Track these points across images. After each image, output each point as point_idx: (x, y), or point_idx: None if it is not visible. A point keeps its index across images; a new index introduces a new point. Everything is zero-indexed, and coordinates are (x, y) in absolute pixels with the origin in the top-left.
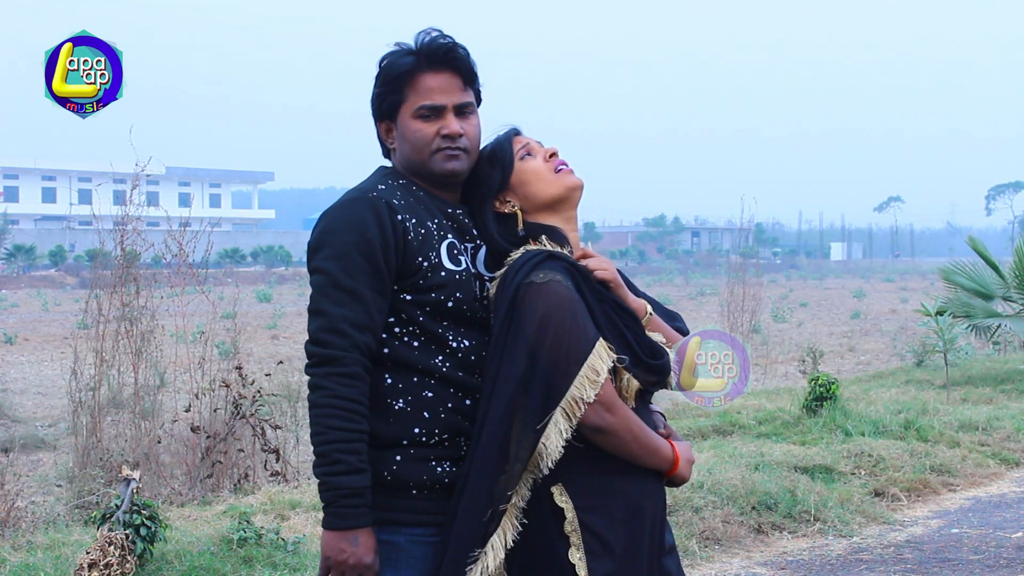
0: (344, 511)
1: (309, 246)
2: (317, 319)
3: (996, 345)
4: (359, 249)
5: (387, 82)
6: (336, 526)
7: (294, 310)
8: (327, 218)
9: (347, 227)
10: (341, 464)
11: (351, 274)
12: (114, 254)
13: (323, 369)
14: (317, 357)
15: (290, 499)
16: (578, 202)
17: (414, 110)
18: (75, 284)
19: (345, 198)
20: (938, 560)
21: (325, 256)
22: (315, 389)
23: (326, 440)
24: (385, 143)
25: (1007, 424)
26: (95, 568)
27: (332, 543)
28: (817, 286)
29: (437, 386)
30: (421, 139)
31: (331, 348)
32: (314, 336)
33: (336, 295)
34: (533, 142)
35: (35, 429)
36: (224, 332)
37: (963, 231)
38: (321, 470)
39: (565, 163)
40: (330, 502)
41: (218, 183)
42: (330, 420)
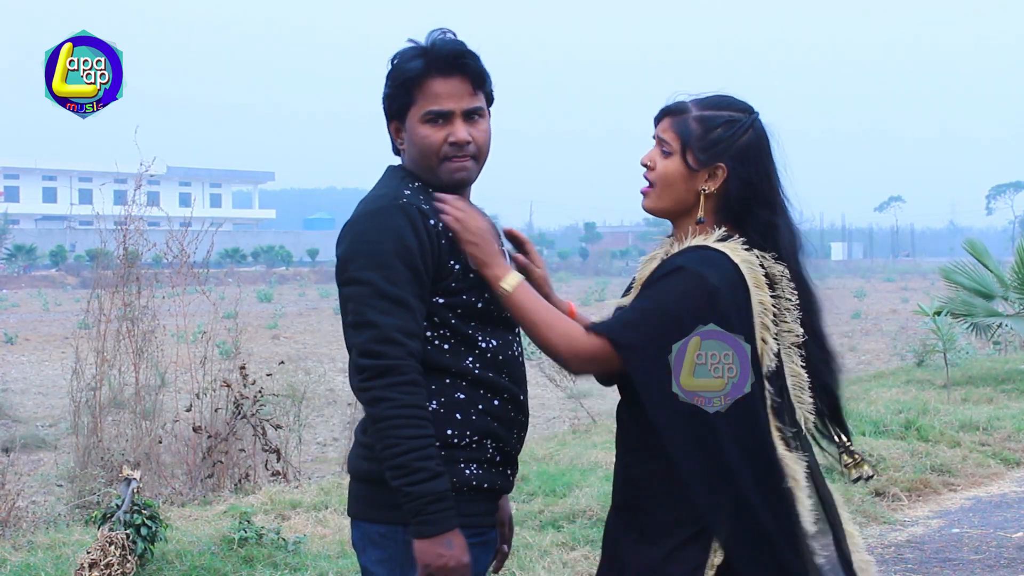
0: (435, 517)
1: (340, 258)
2: (366, 331)
3: (997, 345)
4: (399, 257)
5: (397, 83)
6: (429, 533)
7: (294, 310)
8: (357, 228)
9: (384, 235)
10: (422, 472)
11: (395, 282)
12: (116, 254)
13: (383, 380)
14: (373, 369)
15: (291, 499)
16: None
17: (422, 114)
18: (76, 284)
19: (373, 207)
20: (939, 560)
21: (362, 266)
22: (378, 402)
23: (402, 451)
24: (395, 142)
25: (1008, 424)
26: (96, 568)
27: (429, 550)
28: (818, 286)
29: (468, 388)
30: (428, 145)
31: (387, 358)
32: (366, 348)
33: (382, 305)
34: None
35: (36, 429)
36: (225, 332)
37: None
38: (402, 481)
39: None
40: (419, 511)
41: (219, 183)
42: (401, 431)
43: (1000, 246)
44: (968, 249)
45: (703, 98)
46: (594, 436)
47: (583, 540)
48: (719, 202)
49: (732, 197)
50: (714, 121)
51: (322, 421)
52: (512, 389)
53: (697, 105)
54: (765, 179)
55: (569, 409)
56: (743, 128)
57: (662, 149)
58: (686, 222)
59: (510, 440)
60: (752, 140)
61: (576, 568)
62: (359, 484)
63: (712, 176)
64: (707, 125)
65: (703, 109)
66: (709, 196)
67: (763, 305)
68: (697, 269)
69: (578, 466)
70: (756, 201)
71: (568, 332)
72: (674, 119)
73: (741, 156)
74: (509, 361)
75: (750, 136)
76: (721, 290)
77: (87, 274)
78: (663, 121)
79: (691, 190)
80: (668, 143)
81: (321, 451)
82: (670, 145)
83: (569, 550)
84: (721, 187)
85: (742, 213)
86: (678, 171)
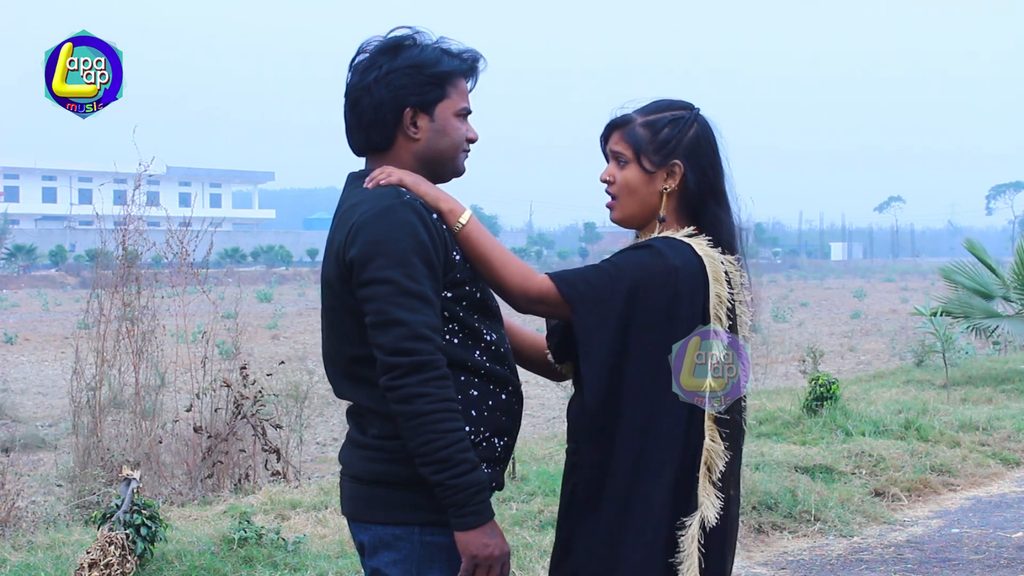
0: (480, 507)
1: (354, 260)
2: (394, 328)
3: (996, 345)
4: (416, 253)
5: (428, 75)
6: (475, 524)
7: (294, 310)
8: (370, 228)
9: (399, 233)
10: (465, 464)
11: (416, 279)
12: (116, 254)
13: (418, 376)
14: (406, 366)
15: (291, 499)
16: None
17: (458, 109)
18: (75, 284)
19: (380, 206)
20: (938, 560)
21: (382, 265)
22: (415, 398)
23: (444, 444)
24: (405, 130)
25: (1007, 424)
26: (95, 568)
27: (476, 540)
28: (817, 286)
29: (480, 383)
30: (459, 138)
31: (421, 355)
32: (396, 346)
33: (408, 302)
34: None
35: (36, 429)
36: (225, 332)
37: (964, 231)
38: (446, 475)
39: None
40: (464, 503)
41: (218, 183)
42: (442, 424)
43: (1000, 246)
44: (968, 248)
45: (643, 106)
46: None
47: None
48: (679, 199)
49: (690, 191)
50: (660, 123)
51: (322, 421)
52: (514, 380)
53: (640, 113)
54: (713, 170)
55: None
56: (688, 124)
57: (618, 161)
58: (650, 227)
59: (514, 435)
60: (699, 133)
61: None
62: (368, 487)
63: (671, 175)
64: (654, 128)
65: (647, 115)
66: (671, 194)
67: (719, 297)
68: (662, 248)
69: None
70: (709, 194)
71: (520, 270)
72: (622, 131)
73: (692, 150)
74: (508, 353)
75: (696, 130)
76: (681, 271)
77: (87, 274)
78: (612, 136)
79: (653, 192)
80: (622, 153)
81: (321, 451)
82: (624, 155)
83: None
84: (680, 183)
85: (699, 208)
86: (637, 177)
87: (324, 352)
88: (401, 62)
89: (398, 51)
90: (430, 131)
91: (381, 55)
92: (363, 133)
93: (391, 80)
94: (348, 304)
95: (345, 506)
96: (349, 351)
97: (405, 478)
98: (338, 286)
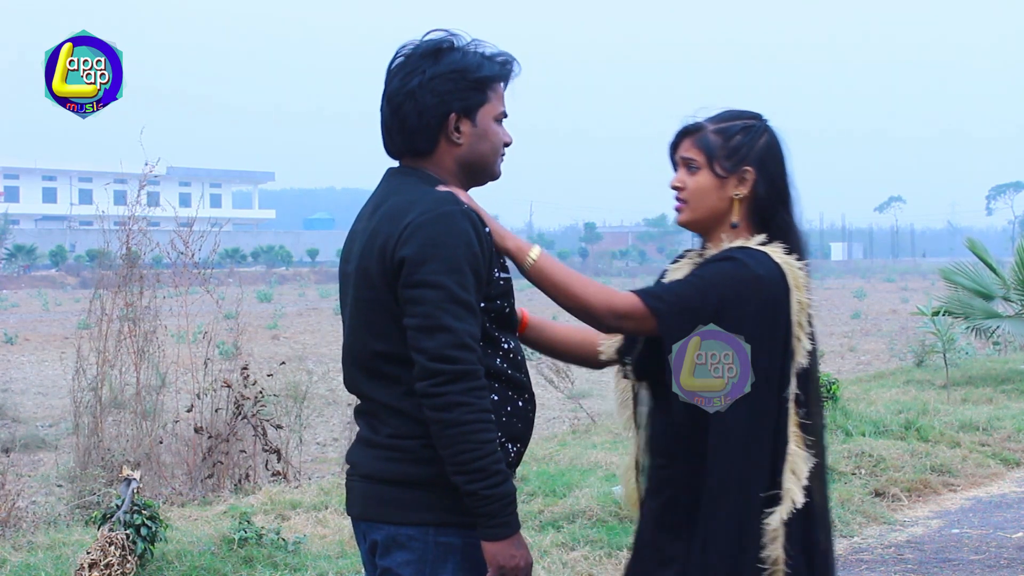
0: (510, 519)
1: (408, 259)
2: (440, 335)
3: (996, 345)
4: (469, 263)
5: (471, 80)
6: (505, 535)
7: (294, 310)
8: (428, 230)
9: (456, 240)
10: (500, 475)
11: (465, 287)
12: (118, 254)
13: (460, 385)
14: (449, 374)
15: (291, 499)
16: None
17: (498, 113)
18: (75, 284)
19: (441, 209)
20: (939, 560)
21: (436, 270)
22: (455, 407)
23: (482, 455)
24: (449, 135)
25: (1008, 424)
26: (95, 568)
27: (504, 551)
28: (817, 286)
29: (500, 389)
30: (499, 142)
31: (464, 364)
32: (441, 353)
33: (456, 310)
34: None
35: (36, 429)
36: (225, 332)
37: (964, 231)
38: (482, 484)
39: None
40: (496, 513)
41: (219, 183)
42: (481, 435)
43: (1000, 246)
44: (970, 248)
45: (714, 115)
46: (594, 436)
47: (583, 540)
48: (749, 206)
49: (760, 199)
50: (731, 130)
51: (322, 421)
52: (530, 386)
53: (711, 121)
54: (782, 178)
55: (569, 410)
56: (759, 132)
57: (688, 167)
58: (718, 232)
59: (527, 441)
60: (770, 141)
61: (576, 568)
62: (381, 486)
63: (742, 181)
64: (726, 135)
65: (718, 123)
66: (742, 201)
67: (800, 304)
68: (744, 259)
69: (578, 466)
70: (779, 201)
71: (602, 289)
72: (694, 137)
73: (763, 158)
74: (523, 360)
75: (767, 138)
76: (765, 279)
77: (87, 274)
78: (683, 142)
79: (724, 198)
80: (694, 159)
81: (321, 451)
82: (696, 161)
83: (569, 550)
84: (751, 190)
85: (769, 215)
86: (709, 183)
87: (344, 344)
88: (444, 67)
89: (439, 56)
90: (472, 136)
91: (423, 59)
92: (405, 137)
93: (435, 86)
94: (384, 299)
95: (355, 506)
96: (375, 346)
97: (419, 478)
98: (379, 280)
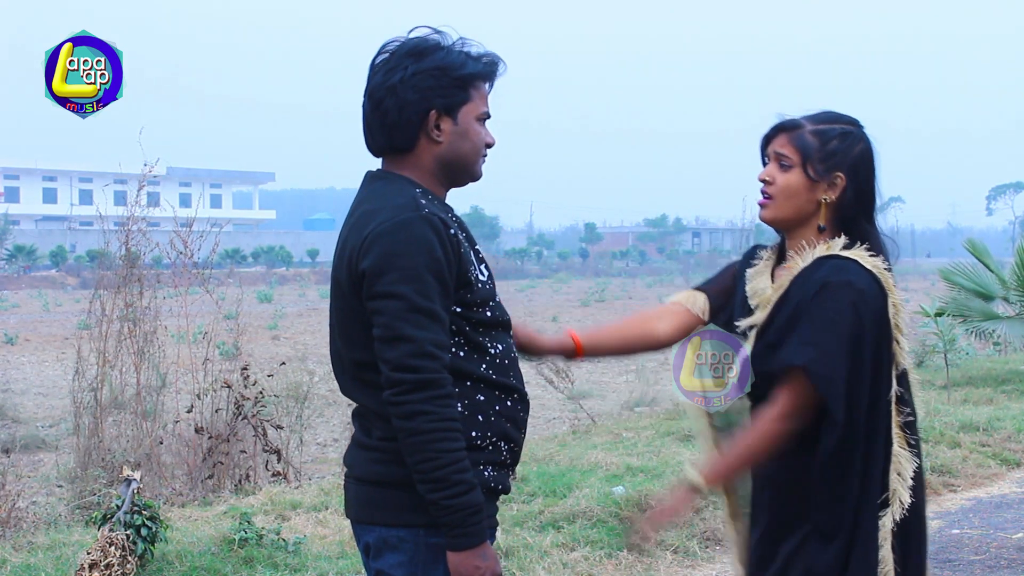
0: (473, 529)
1: (367, 271)
2: (401, 345)
3: (997, 346)
4: (429, 270)
5: (454, 78)
6: (467, 545)
7: (294, 311)
8: (385, 241)
9: (414, 248)
10: (461, 485)
11: (427, 296)
12: (118, 254)
13: (421, 394)
14: (410, 383)
15: (291, 499)
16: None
17: (480, 113)
18: (76, 285)
19: (399, 218)
20: (939, 561)
21: (394, 280)
22: (415, 416)
23: (441, 464)
24: (429, 132)
25: (1008, 425)
26: (96, 568)
27: (467, 562)
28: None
29: (486, 390)
30: (480, 142)
31: (425, 372)
32: (402, 362)
33: (416, 319)
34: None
35: (36, 429)
36: (225, 333)
37: (964, 232)
38: (441, 495)
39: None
40: (458, 523)
41: (219, 183)
42: (441, 444)
43: (1000, 247)
44: (969, 248)
45: (813, 114)
46: (594, 437)
47: (583, 541)
48: (835, 211)
49: (846, 205)
50: (830, 134)
51: (322, 422)
52: (520, 388)
53: (810, 121)
54: (871, 188)
55: (569, 410)
56: (857, 139)
57: (780, 163)
58: (801, 232)
59: (520, 440)
60: (865, 150)
61: (576, 569)
62: (374, 488)
63: (832, 186)
64: (824, 138)
65: (817, 124)
66: (828, 205)
67: (896, 307)
68: (842, 279)
69: (578, 467)
70: (863, 209)
71: (763, 428)
72: (791, 135)
73: (856, 166)
74: (513, 362)
75: (863, 147)
76: (867, 291)
77: (87, 275)
78: (779, 137)
79: (812, 200)
80: (788, 157)
81: (321, 452)
82: (790, 159)
83: (569, 551)
84: (839, 196)
85: (851, 222)
86: (800, 183)
87: (332, 350)
88: (427, 64)
89: (423, 53)
90: (453, 134)
91: (406, 56)
92: (385, 133)
93: (417, 82)
94: (356, 309)
95: (350, 508)
96: (354, 355)
97: (409, 480)
98: (349, 291)
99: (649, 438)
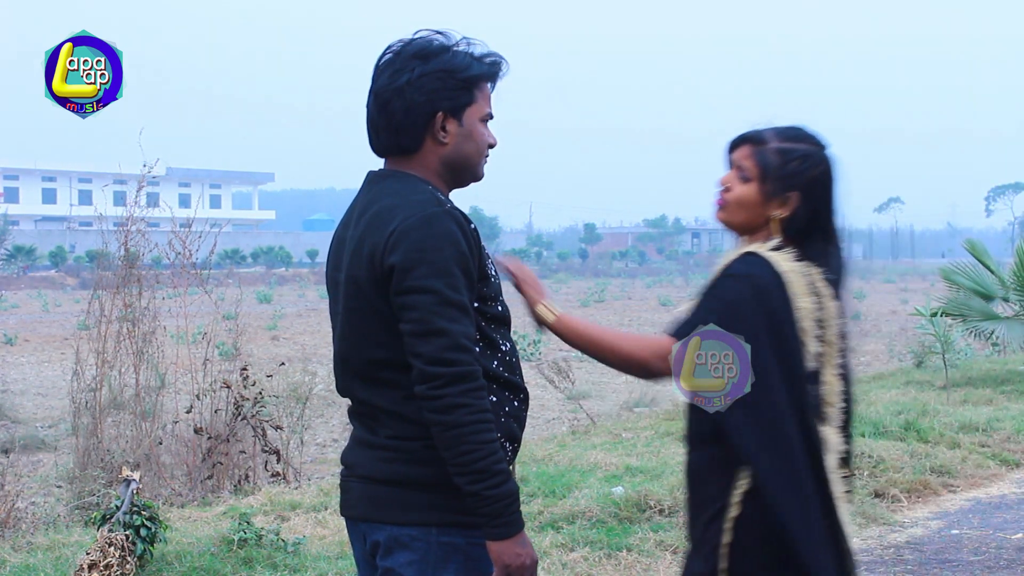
0: (514, 517)
1: (396, 266)
2: (435, 339)
3: (996, 346)
4: (458, 263)
5: (459, 80)
6: (509, 534)
7: (294, 311)
8: (414, 236)
9: (442, 243)
10: (501, 475)
11: (457, 289)
12: (117, 255)
13: (458, 387)
14: (447, 376)
15: (290, 500)
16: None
17: (484, 114)
18: (75, 285)
19: (424, 213)
20: (938, 561)
21: (424, 274)
22: (454, 409)
23: (482, 456)
24: (435, 134)
25: (1007, 425)
26: (95, 569)
27: (509, 550)
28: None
29: (499, 390)
30: (483, 143)
31: (461, 365)
32: (437, 356)
33: (449, 312)
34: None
35: (35, 430)
36: (225, 333)
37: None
38: (483, 485)
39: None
40: (499, 513)
41: (218, 184)
42: (481, 435)
43: (1000, 247)
44: (968, 249)
45: (781, 129)
46: (593, 437)
47: (582, 541)
48: (785, 225)
49: (797, 221)
50: (792, 154)
51: (322, 422)
52: (524, 387)
53: (776, 136)
54: (827, 210)
55: (568, 410)
56: (817, 162)
57: (740, 174)
58: (752, 237)
59: (520, 439)
60: (823, 172)
61: (575, 569)
62: (383, 487)
63: (784, 203)
64: (785, 157)
65: (782, 141)
66: (779, 220)
67: (805, 310)
68: (744, 271)
69: (577, 467)
70: (816, 228)
71: (641, 338)
72: (754, 148)
73: (811, 188)
74: (518, 361)
75: (822, 170)
76: (765, 288)
77: (87, 275)
78: (742, 148)
79: (762, 214)
80: (747, 170)
81: (321, 452)
82: (749, 172)
83: (568, 551)
84: (791, 213)
85: (805, 239)
86: (754, 197)
87: (337, 351)
88: (433, 66)
89: (429, 55)
90: (458, 135)
91: (412, 58)
92: (391, 135)
93: (423, 84)
94: (377, 307)
95: (354, 507)
96: (369, 353)
97: (421, 479)
98: (369, 289)
99: (648, 438)
